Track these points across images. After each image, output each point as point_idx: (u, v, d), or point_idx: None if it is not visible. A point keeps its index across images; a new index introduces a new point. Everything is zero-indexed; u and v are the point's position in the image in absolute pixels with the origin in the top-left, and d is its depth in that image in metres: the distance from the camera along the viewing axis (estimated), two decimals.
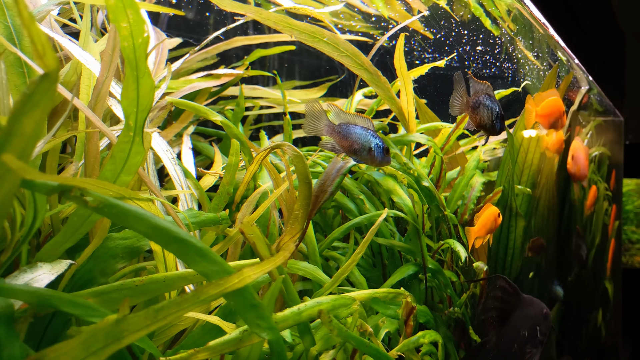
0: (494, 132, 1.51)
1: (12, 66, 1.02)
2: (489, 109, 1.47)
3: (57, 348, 0.61)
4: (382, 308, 1.36)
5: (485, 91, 1.48)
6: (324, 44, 1.34)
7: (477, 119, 1.48)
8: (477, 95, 1.48)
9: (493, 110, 1.47)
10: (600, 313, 3.88)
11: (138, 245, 0.94)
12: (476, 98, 1.48)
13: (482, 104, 1.47)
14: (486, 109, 1.47)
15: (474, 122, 1.48)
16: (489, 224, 1.72)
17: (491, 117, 1.48)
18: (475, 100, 1.48)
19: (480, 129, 1.51)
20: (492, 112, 1.47)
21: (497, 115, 1.49)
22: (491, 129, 1.49)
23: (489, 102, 1.48)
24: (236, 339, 0.86)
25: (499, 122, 1.50)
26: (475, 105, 1.47)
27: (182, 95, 1.51)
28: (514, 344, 1.63)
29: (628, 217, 6.48)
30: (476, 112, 1.47)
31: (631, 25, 4.58)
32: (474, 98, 1.48)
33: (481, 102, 1.47)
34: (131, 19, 0.76)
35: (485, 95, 1.48)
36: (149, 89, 0.85)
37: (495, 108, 1.48)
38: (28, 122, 0.56)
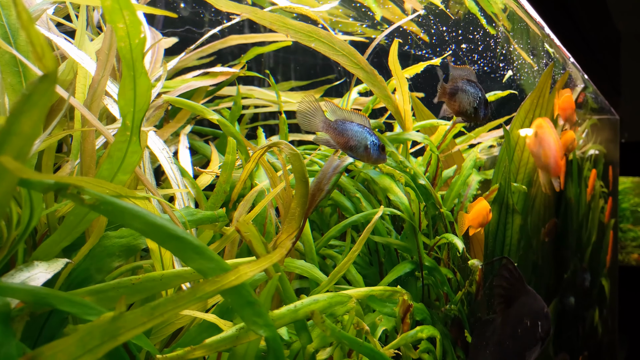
0: (477, 119, 1.43)
1: (8, 65, 1.02)
2: (470, 94, 1.39)
3: (53, 346, 0.61)
4: (379, 306, 1.36)
5: (465, 76, 1.41)
6: (320, 43, 1.35)
7: (455, 106, 1.40)
8: (455, 82, 1.40)
9: (475, 96, 1.40)
10: (597, 310, 3.90)
11: (134, 243, 0.94)
12: (454, 84, 1.40)
13: (460, 90, 1.39)
14: (466, 94, 1.39)
15: (453, 109, 1.42)
16: (480, 217, 1.71)
17: (472, 103, 1.40)
18: (453, 86, 1.40)
19: (460, 116, 1.43)
20: (474, 98, 1.40)
21: (480, 100, 1.40)
22: (473, 115, 1.42)
23: (469, 88, 1.40)
24: (233, 337, 0.86)
25: (483, 108, 1.41)
26: (453, 91, 1.40)
27: (179, 94, 1.51)
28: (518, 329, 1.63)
29: (624, 215, 6.51)
30: (454, 99, 1.40)
31: (626, 23, 4.60)
32: (451, 84, 1.40)
33: (460, 88, 1.40)
34: (127, 20, 0.77)
35: (465, 80, 1.40)
36: (146, 88, 0.85)
37: (477, 93, 1.40)
38: (26, 122, 0.57)
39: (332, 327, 0.96)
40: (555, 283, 2.78)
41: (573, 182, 2.91)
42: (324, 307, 0.99)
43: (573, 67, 2.86)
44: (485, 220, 1.71)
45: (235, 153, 1.32)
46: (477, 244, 2.04)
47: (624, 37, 4.78)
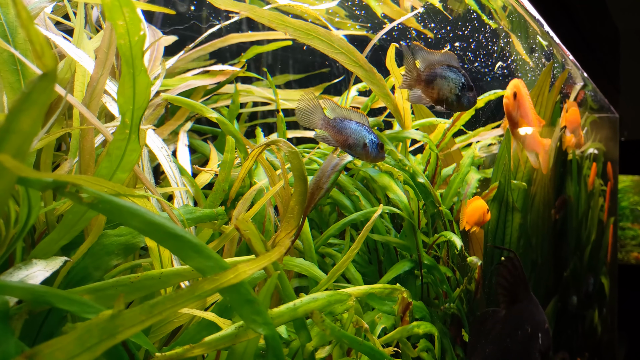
0: (461, 107, 1.30)
1: (6, 63, 1.02)
2: (450, 80, 1.27)
3: (52, 344, 0.61)
4: (378, 304, 1.36)
5: (444, 62, 1.29)
6: (318, 41, 1.34)
7: (434, 94, 1.27)
8: (432, 68, 1.28)
9: (456, 82, 1.27)
10: (597, 309, 3.90)
11: (133, 242, 0.94)
12: (431, 70, 1.27)
13: (439, 76, 1.27)
14: (446, 81, 1.27)
15: (431, 98, 1.28)
16: (476, 216, 1.69)
17: (454, 89, 1.27)
18: (431, 72, 1.27)
19: (441, 105, 1.30)
20: (455, 84, 1.27)
21: (463, 86, 1.27)
22: (456, 103, 1.29)
23: (449, 74, 1.27)
24: (232, 335, 0.86)
25: (467, 96, 1.29)
26: (430, 78, 1.27)
27: (178, 93, 1.50)
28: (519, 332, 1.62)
29: (624, 213, 6.51)
30: (432, 86, 1.27)
31: (625, 21, 4.60)
32: (428, 70, 1.28)
33: (438, 74, 1.27)
34: (127, 17, 0.76)
35: (445, 66, 1.28)
36: (145, 86, 0.85)
37: (459, 79, 1.27)
38: (25, 120, 0.57)
39: (332, 326, 0.96)
40: (555, 281, 2.78)
41: (573, 181, 2.91)
42: (323, 306, 0.99)
43: (572, 65, 2.86)
44: (481, 220, 1.70)
45: (234, 151, 1.32)
46: (476, 242, 2.04)
47: (624, 35, 4.77)
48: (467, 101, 1.29)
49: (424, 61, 1.28)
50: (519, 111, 1.35)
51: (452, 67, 1.28)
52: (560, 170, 2.63)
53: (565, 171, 2.76)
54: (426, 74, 1.28)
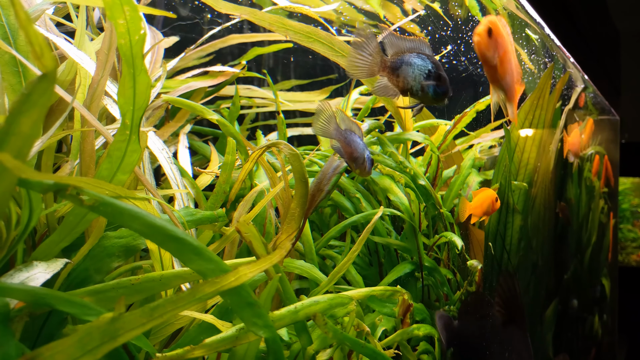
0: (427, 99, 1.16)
1: (7, 65, 1.02)
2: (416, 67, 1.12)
3: (52, 346, 0.61)
4: (379, 306, 1.36)
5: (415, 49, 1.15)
6: (319, 44, 1.34)
7: (399, 83, 1.14)
8: (400, 54, 1.14)
9: (422, 69, 1.12)
10: (597, 311, 3.90)
11: (134, 244, 0.94)
12: (399, 57, 1.14)
13: (405, 63, 1.13)
14: (411, 68, 1.12)
15: (397, 87, 1.15)
16: (485, 205, 1.61)
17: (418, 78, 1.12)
18: (398, 59, 1.14)
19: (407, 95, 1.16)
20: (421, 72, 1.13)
21: (429, 74, 1.13)
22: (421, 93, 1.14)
23: (416, 60, 1.13)
24: (232, 337, 0.86)
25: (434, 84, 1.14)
26: (396, 65, 1.13)
27: (179, 94, 1.50)
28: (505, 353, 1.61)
29: (624, 215, 6.51)
30: (397, 74, 1.13)
31: (626, 23, 4.60)
32: (394, 57, 1.14)
33: (405, 61, 1.13)
34: (128, 16, 0.76)
35: (415, 54, 1.14)
36: (146, 86, 0.85)
37: (425, 66, 1.12)
38: (26, 122, 0.57)
39: (334, 328, 0.96)
40: (556, 283, 2.78)
41: (573, 183, 2.91)
42: (325, 309, 0.99)
43: (573, 67, 2.86)
44: (491, 209, 1.62)
45: (235, 153, 1.32)
46: (476, 244, 2.04)
47: (624, 37, 4.78)
48: (432, 91, 1.14)
49: (392, 47, 1.15)
50: (497, 54, 1.15)
51: (422, 55, 1.15)
52: (561, 172, 2.62)
53: (566, 173, 2.76)
54: (391, 60, 1.14)
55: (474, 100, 1.91)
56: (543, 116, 2.11)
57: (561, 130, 2.45)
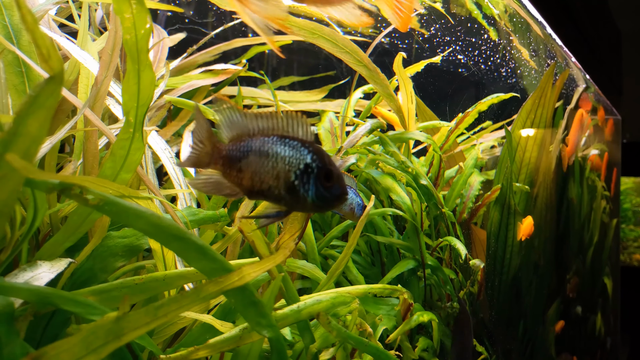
0: (301, 205, 0.78)
1: (11, 65, 1.02)
2: (281, 159, 0.76)
3: (57, 346, 0.61)
4: (373, 308, 1.36)
5: (276, 129, 0.78)
6: (323, 40, 1.34)
7: (246, 180, 0.77)
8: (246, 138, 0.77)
9: (293, 163, 0.76)
10: (600, 310, 3.90)
11: (137, 243, 0.94)
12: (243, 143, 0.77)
13: (255, 153, 0.77)
14: (268, 160, 0.76)
15: (242, 185, 0.78)
16: (529, 228, 2.00)
17: (288, 176, 0.76)
18: (241, 147, 0.77)
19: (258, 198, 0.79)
20: (293, 166, 0.76)
21: (314, 171, 0.76)
22: (292, 198, 0.77)
23: (282, 149, 0.76)
24: (236, 337, 0.86)
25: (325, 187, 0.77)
26: (238, 154, 0.77)
27: (181, 94, 1.50)
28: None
29: (626, 215, 6.50)
30: (239, 167, 0.77)
31: (627, 23, 4.59)
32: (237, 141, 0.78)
33: (254, 150, 0.77)
34: (134, 10, 0.76)
35: (277, 138, 0.77)
36: (150, 82, 0.84)
37: (302, 157, 0.76)
38: (33, 123, 0.57)
39: (338, 327, 0.96)
40: (558, 283, 2.78)
41: (575, 183, 2.91)
42: (327, 307, 0.99)
43: (574, 67, 2.86)
44: (531, 230, 2.03)
45: None
46: (478, 244, 2.04)
47: (626, 36, 4.77)
48: (315, 195, 0.77)
49: (233, 128, 0.78)
50: None
51: (290, 140, 0.77)
52: (562, 172, 2.62)
53: (568, 173, 2.75)
54: (229, 149, 0.78)
55: (476, 100, 1.91)
56: (545, 115, 2.11)
57: (563, 129, 2.45)
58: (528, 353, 2.29)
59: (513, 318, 2.18)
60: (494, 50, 2.16)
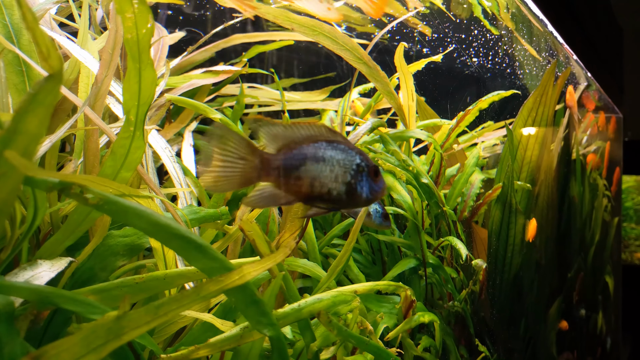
0: (353, 202, 0.84)
1: (11, 65, 1.02)
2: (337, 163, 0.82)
3: (57, 345, 0.61)
4: (376, 306, 1.36)
5: (319, 136, 0.83)
6: (323, 37, 1.34)
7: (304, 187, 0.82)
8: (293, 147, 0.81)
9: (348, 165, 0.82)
10: (601, 309, 3.89)
11: (138, 242, 0.94)
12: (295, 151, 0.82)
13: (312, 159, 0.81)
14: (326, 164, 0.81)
15: (299, 192, 0.82)
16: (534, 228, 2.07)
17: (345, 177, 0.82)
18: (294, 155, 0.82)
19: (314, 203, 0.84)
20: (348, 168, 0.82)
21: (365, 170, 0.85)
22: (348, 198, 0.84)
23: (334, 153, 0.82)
24: (237, 336, 0.86)
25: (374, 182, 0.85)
26: (293, 164, 0.81)
27: (182, 93, 1.50)
28: None
29: (627, 214, 6.49)
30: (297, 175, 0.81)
31: (629, 21, 4.58)
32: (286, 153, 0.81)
33: (310, 157, 0.81)
34: (136, 9, 0.76)
35: (325, 143, 0.83)
36: (151, 81, 0.84)
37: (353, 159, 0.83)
38: (32, 121, 0.57)
39: (339, 326, 0.96)
40: (559, 282, 2.77)
41: (576, 181, 2.90)
42: (328, 306, 0.99)
43: (576, 64, 2.85)
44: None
45: None
46: (479, 243, 2.04)
47: (627, 34, 4.76)
48: (369, 191, 0.85)
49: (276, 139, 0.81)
50: None
51: (337, 144, 0.84)
52: (564, 170, 2.62)
53: (569, 171, 2.75)
54: (283, 158, 0.81)
55: (477, 98, 1.91)
56: (546, 113, 2.11)
57: (564, 128, 2.44)
58: (529, 352, 2.29)
59: (514, 317, 2.18)
60: (494, 49, 2.15)
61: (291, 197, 0.82)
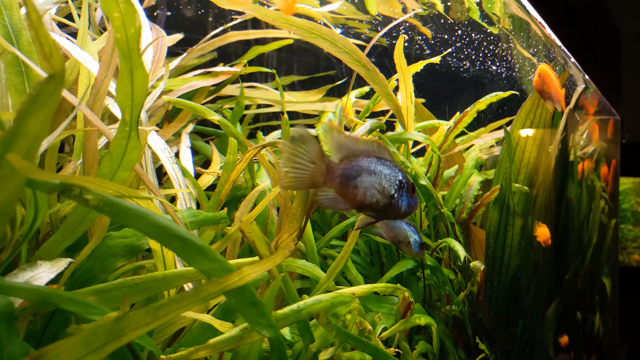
0: (393, 214, 0.96)
1: (10, 65, 1.02)
2: (384, 177, 0.93)
3: (57, 346, 0.61)
4: (376, 306, 1.36)
5: (372, 152, 0.93)
6: (321, 39, 1.35)
7: (358, 196, 0.92)
8: (353, 159, 0.91)
9: (392, 180, 0.94)
10: (598, 310, 3.90)
11: (138, 244, 0.94)
12: (353, 163, 0.91)
13: (367, 172, 0.92)
14: (376, 177, 0.92)
15: (354, 201, 0.92)
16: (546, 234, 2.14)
17: (389, 191, 0.93)
18: (353, 166, 0.91)
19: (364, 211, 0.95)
20: (392, 183, 0.94)
21: (405, 186, 0.96)
22: (391, 210, 0.95)
23: (383, 169, 0.93)
24: (236, 337, 0.86)
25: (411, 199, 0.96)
26: (352, 173, 0.90)
27: (181, 94, 1.51)
28: None
29: (625, 215, 6.51)
30: (354, 185, 0.91)
31: (627, 23, 4.60)
32: (347, 164, 0.91)
33: (365, 169, 0.92)
34: (122, 8, 0.76)
35: (375, 159, 0.93)
36: (143, 80, 0.84)
37: (397, 176, 0.94)
38: (34, 123, 0.57)
39: (337, 327, 0.97)
40: (557, 284, 2.78)
41: (574, 183, 2.91)
42: (327, 307, 0.99)
43: (574, 67, 2.86)
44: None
45: (237, 153, 1.32)
46: (478, 244, 2.04)
47: (625, 36, 4.77)
48: (407, 206, 0.96)
49: (341, 150, 0.92)
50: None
51: (385, 160, 0.95)
52: (562, 172, 2.63)
53: (567, 173, 2.76)
54: (344, 167, 0.91)
55: (475, 100, 1.92)
56: (544, 115, 2.12)
57: (562, 130, 2.45)
58: (527, 353, 2.30)
59: (512, 318, 2.18)
60: (493, 51, 2.16)
61: (348, 204, 0.93)
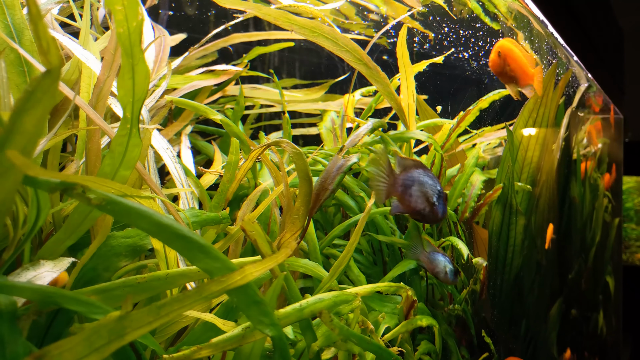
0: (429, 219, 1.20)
1: (12, 65, 1.02)
2: (429, 187, 1.14)
3: (60, 345, 0.61)
4: (379, 306, 1.36)
5: (418, 166, 1.15)
6: (323, 38, 1.34)
7: (412, 203, 1.14)
8: (408, 171, 1.14)
9: (434, 189, 1.15)
10: (601, 310, 3.89)
11: (141, 243, 0.94)
12: (409, 174, 1.14)
13: (418, 182, 1.13)
14: (424, 187, 1.13)
15: (409, 208, 1.14)
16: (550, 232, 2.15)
17: (432, 199, 1.14)
18: (409, 177, 1.13)
19: (417, 218, 1.18)
20: (434, 192, 1.15)
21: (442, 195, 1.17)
22: (432, 215, 1.18)
23: (428, 180, 1.16)
24: (239, 336, 0.86)
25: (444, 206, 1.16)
26: (408, 183, 1.12)
27: (183, 94, 1.51)
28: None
29: (628, 214, 6.49)
30: (410, 193, 1.13)
31: (630, 22, 4.58)
32: (404, 174, 1.14)
33: (417, 180, 1.14)
34: (125, 1, 0.75)
35: (422, 171, 1.15)
36: (144, 76, 0.84)
37: (436, 186, 1.15)
38: (30, 120, 0.56)
39: (341, 325, 0.96)
40: (560, 283, 2.77)
41: (577, 182, 2.91)
42: (329, 306, 0.99)
43: (577, 66, 2.85)
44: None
45: (239, 153, 1.32)
46: (480, 243, 2.04)
47: (628, 35, 4.76)
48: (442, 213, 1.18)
49: (399, 164, 1.16)
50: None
51: (427, 172, 1.16)
52: (565, 171, 2.62)
53: (570, 172, 2.75)
54: (403, 178, 1.13)
55: (477, 98, 1.91)
56: (547, 114, 2.11)
57: (565, 129, 2.44)
58: (530, 352, 2.29)
59: (515, 317, 2.18)
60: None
61: (405, 210, 1.12)
